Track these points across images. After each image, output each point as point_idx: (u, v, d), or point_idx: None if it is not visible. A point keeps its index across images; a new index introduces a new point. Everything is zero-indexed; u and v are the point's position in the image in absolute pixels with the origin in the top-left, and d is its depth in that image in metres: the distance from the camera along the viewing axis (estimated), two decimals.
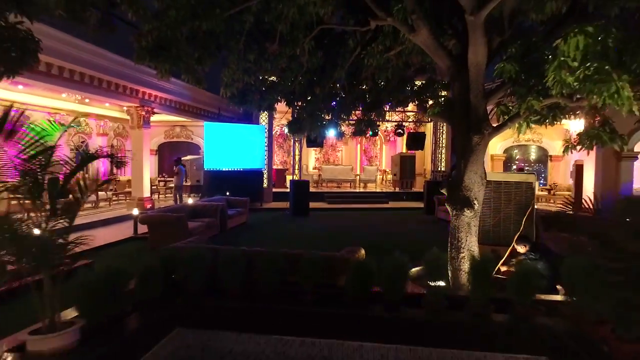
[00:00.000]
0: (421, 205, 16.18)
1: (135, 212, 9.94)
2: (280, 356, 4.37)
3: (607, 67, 4.20)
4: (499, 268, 6.08)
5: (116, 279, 3.87)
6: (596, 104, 4.24)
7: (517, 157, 21.09)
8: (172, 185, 16.50)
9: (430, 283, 4.51)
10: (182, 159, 15.81)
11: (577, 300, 3.81)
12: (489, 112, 6.26)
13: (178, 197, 14.62)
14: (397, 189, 19.81)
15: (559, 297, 4.71)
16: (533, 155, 20.83)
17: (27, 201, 3.32)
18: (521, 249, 5.99)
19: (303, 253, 4.90)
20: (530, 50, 5.90)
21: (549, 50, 5.29)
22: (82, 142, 16.83)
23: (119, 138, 18.76)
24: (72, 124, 14.05)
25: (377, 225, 12.54)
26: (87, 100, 13.68)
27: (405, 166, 19.44)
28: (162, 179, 19.29)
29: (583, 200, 6.74)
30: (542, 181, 19.68)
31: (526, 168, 20.81)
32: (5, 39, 5.20)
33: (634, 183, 14.22)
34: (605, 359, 3.40)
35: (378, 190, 20.34)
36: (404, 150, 21.27)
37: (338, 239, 9.75)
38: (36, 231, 3.30)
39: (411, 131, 19.18)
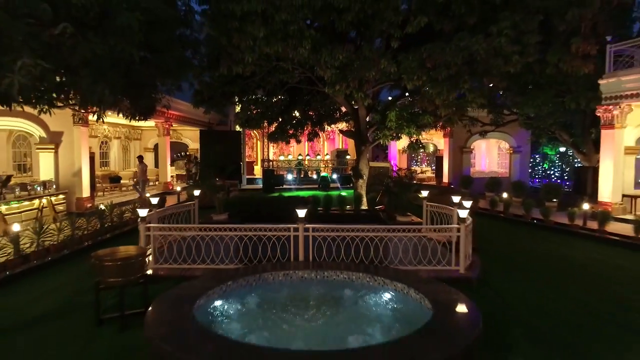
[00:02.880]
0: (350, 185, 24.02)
1: (179, 188, 16.81)
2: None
3: (404, 123, 11.97)
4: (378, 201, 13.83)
5: (231, 202, 11.07)
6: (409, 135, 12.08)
7: (421, 150, 29.55)
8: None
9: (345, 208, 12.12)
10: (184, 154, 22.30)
11: (381, 205, 11.51)
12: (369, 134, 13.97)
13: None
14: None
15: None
16: (431, 148, 29.31)
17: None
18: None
19: (291, 197, 12.29)
20: (387, 108, 13.61)
21: (390, 111, 12.97)
22: (105, 143, 22.92)
23: (127, 140, 24.91)
24: None
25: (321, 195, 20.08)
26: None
27: (340, 158, 27.17)
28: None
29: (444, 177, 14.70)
30: (433, 166, 28.14)
31: (426, 158, 29.37)
32: (144, 106, 11.95)
33: (479, 167, 22.87)
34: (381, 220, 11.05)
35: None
36: (340, 147, 29.02)
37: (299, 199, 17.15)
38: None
39: (339, 148, 27.01)
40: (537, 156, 24.10)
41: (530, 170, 23.44)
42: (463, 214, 6.80)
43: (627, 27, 17.24)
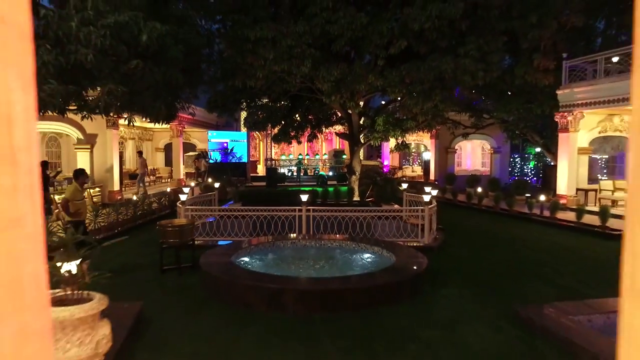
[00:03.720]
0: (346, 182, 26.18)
1: (194, 184, 18.91)
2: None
3: (390, 127, 14.15)
4: (368, 195, 15.95)
5: (243, 194, 13.18)
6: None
7: (413, 150, 31.69)
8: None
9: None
10: (196, 152, 24.48)
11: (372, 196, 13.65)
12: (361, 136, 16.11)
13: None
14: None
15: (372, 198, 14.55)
16: (422, 149, 31.47)
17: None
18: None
19: (292, 190, 14.40)
20: (376, 114, 15.76)
21: (378, 116, 15.15)
22: (121, 143, 24.99)
23: (140, 141, 27.00)
24: None
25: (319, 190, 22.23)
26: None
27: (337, 157, 29.34)
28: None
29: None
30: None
31: (417, 158, 31.50)
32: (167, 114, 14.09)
33: (464, 166, 25.03)
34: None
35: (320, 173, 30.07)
36: (337, 147, 31.18)
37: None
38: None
39: (336, 148, 29.25)
40: (516, 156, 26.27)
41: (510, 169, 25.63)
42: (427, 198, 8.95)
43: (592, 42, 19.41)
